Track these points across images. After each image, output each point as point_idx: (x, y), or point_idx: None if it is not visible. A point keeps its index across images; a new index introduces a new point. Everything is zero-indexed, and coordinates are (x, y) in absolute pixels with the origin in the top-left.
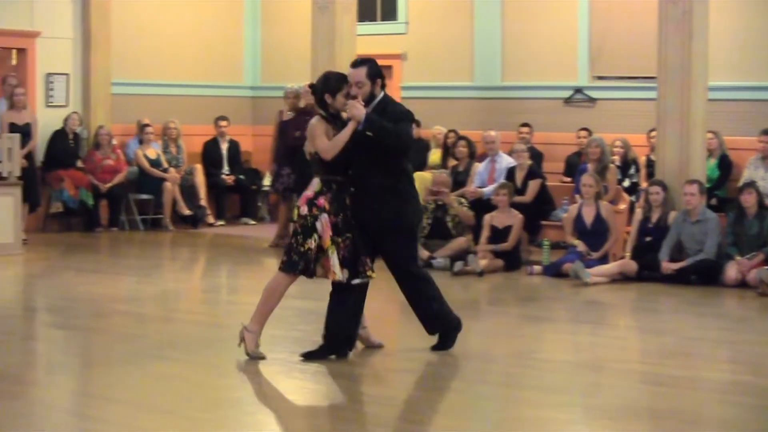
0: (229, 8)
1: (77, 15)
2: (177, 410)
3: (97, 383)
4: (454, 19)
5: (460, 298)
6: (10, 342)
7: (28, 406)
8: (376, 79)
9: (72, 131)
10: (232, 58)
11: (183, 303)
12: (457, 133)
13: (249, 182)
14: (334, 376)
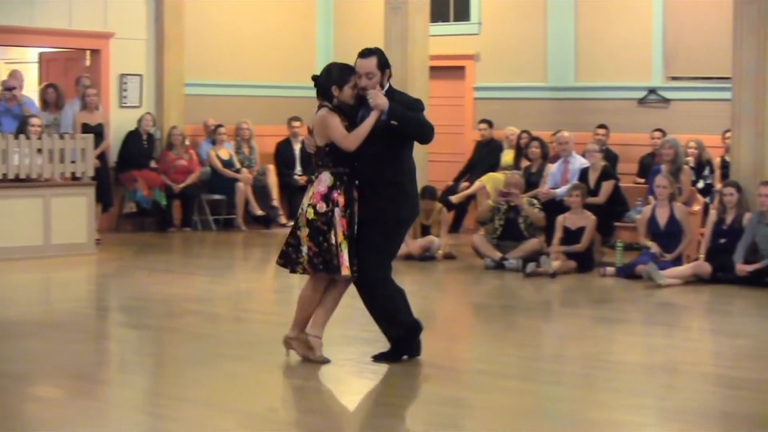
0: (302, 9)
1: (151, 16)
2: (248, 410)
3: (169, 382)
4: (527, 19)
5: (532, 299)
6: (84, 341)
7: (102, 404)
8: (386, 69)
9: (145, 132)
10: (305, 58)
11: (255, 303)
12: (530, 133)
13: None
14: (404, 377)
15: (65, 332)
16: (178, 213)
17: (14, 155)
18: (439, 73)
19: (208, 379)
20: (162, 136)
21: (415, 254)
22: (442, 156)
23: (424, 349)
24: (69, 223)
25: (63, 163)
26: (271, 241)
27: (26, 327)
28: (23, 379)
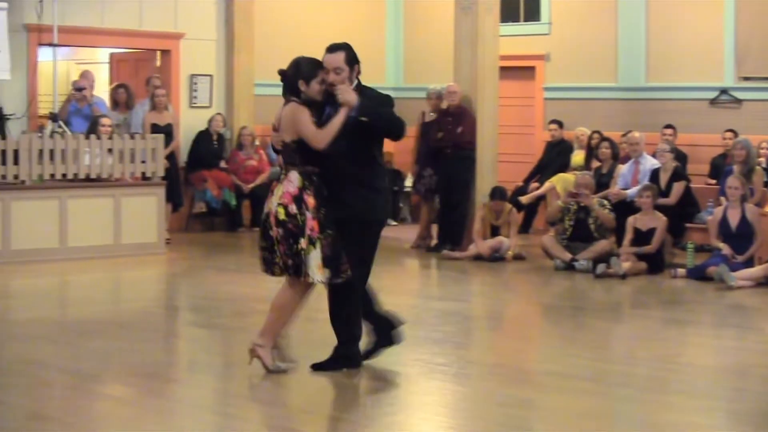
0: (372, 9)
1: (221, 16)
2: (317, 410)
3: (238, 382)
4: (597, 20)
5: (602, 300)
6: (154, 340)
7: (171, 403)
8: (354, 64)
9: (215, 132)
10: (375, 59)
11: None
12: (601, 134)
13: (391, 183)
14: (475, 378)
15: (135, 331)
16: (247, 213)
17: (85, 155)
18: (509, 74)
19: (276, 379)
20: (232, 136)
21: (484, 255)
22: (512, 156)
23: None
24: (139, 222)
25: (133, 163)
26: None
27: (97, 326)
28: (94, 378)
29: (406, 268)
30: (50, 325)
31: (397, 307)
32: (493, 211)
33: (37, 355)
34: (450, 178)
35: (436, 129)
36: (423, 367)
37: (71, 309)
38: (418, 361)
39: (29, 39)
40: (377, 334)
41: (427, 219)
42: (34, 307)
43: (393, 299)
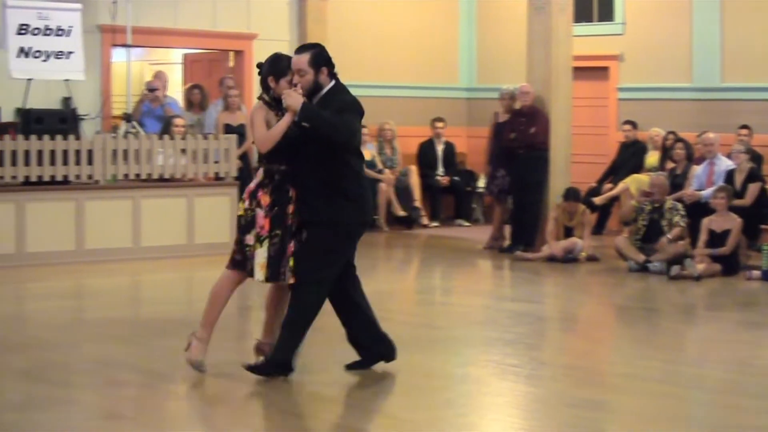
0: (445, 9)
1: (293, 17)
2: (389, 410)
3: (312, 383)
4: (672, 19)
5: (676, 302)
6: (227, 340)
7: (245, 404)
8: (321, 67)
9: None
10: (448, 59)
11: (397, 303)
12: (676, 135)
13: (464, 183)
14: (547, 379)
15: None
16: None
17: (158, 155)
18: (582, 74)
19: (348, 380)
20: None
21: (558, 256)
22: (586, 157)
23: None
24: (212, 222)
25: (206, 163)
26: (413, 242)
27: (170, 326)
28: (167, 378)
29: (479, 269)
30: (123, 325)
31: (470, 308)
32: (567, 212)
33: (111, 354)
34: (523, 178)
35: (509, 129)
36: (495, 368)
37: (144, 309)
38: (490, 362)
39: (103, 40)
40: (367, 352)
41: (500, 220)
42: (107, 307)
43: (465, 300)
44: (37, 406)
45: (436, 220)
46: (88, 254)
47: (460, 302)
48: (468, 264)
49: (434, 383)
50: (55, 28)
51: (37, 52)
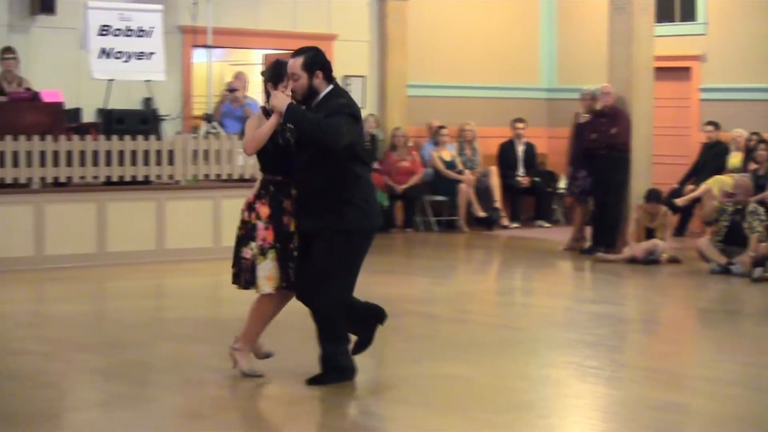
0: (525, 9)
1: (374, 18)
2: (468, 411)
3: (388, 382)
4: (755, 19)
5: (759, 304)
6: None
7: (321, 402)
8: (315, 70)
9: (368, 133)
10: (528, 59)
11: (476, 304)
12: (759, 135)
13: (544, 184)
14: (628, 381)
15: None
16: (400, 214)
17: (238, 156)
18: (664, 74)
19: (427, 380)
20: (385, 137)
21: (639, 258)
22: (667, 158)
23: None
24: None
25: None
26: (493, 243)
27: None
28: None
29: (559, 270)
30: (203, 325)
31: (550, 310)
32: (648, 213)
33: (190, 354)
34: (604, 179)
35: (590, 130)
36: (575, 369)
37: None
38: (570, 364)
39: (184, 41)
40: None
41: (581, 221)
42: (186, 307)
43: (546, 301)
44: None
45: (517, 221)
46: (168, 254)
47: (541, 303)
48: (548, 265)
49: (514, 385)
50: (137, 29)
51: (119, 53)
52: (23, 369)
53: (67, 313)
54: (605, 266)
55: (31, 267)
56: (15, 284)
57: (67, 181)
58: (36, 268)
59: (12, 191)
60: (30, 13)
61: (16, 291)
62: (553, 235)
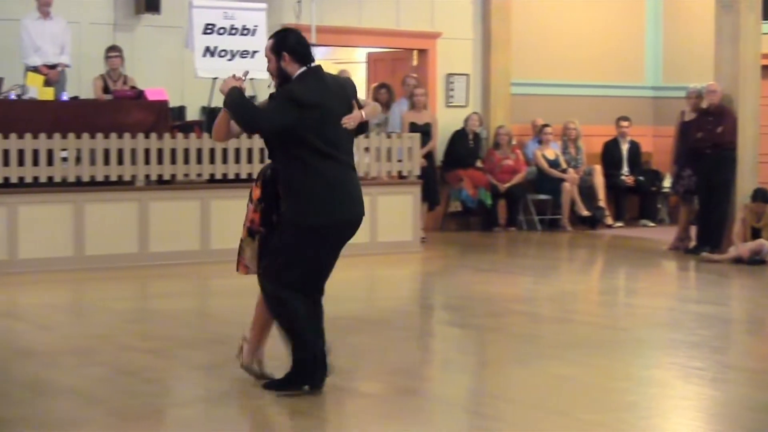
0: (631, 7)
1: (477, 16)
2: (571, 412)
3: (491, 382)
4: None
5: None
6: (408, 338)
7: (425, 401)
8: (282, 52)
9: (472, 131)
10: (633, 57)
11: (579, 304)
12: None
13: (649, 183)
14: (733, 383)
15: (390, 329)
16: (503, 212)
17: None
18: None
19: (530, 380)
20: (488, 135)
21: (744, 258)
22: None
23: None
24: (395, 221)
25: (390, 161)
26: (597, 242)
27: (352, 323)
28: (349, 375)
29: (664, 270)
30: None
31: (654, 310)
32: (754, 213)
33: None
34: (710, 178)
35: (696, 129)
36: (679, 370)
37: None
38: (674, 365)
39: None
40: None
41: (686, 220)
42: None
43: (650, 301)
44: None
45: (621, 220)
46: None
47: (645, 304)
48: (652, 265)
49: (617, 385)
50: (241, 27)
51: (223, 52)
52: (131, 365)
53: (171, 309)
54: (710, 266)
55: (136, 264)
56: (120, 281)
57: (171, 179)
58: (140, 265)
59: (117, 188)
60: (135, 12)
61: (121, 288)
62: (657, 235)
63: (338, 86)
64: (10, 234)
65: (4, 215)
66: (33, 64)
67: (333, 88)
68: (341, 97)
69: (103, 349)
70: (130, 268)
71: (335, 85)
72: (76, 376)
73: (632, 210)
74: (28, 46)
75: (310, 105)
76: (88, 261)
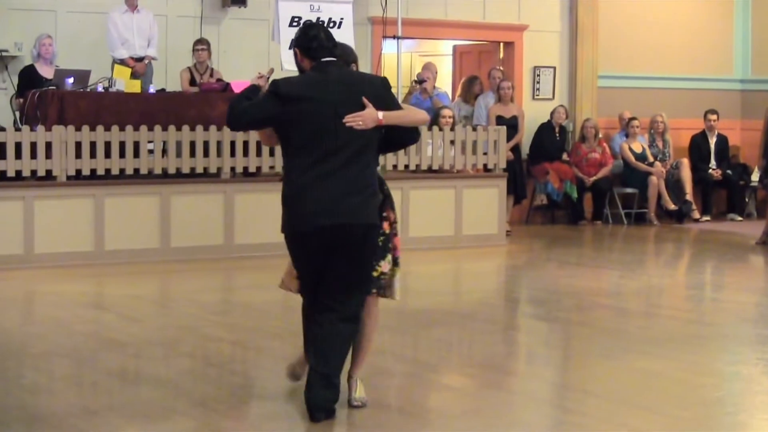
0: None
1: (564, 8)
2: (656, 407)
3: (576, 376)
4: None
5: None
6: (493, 332)
7: (510, 395)
8: (295, 49)
9: (558, 124)
10: (722, 49)
11: (666, 299)
12: None
13: (737, 177)
14: None
15: (475, 322)
16: (589, 206)
17: (428, 146)
18: None
19: (615, 374)
20: (575, 128)
21: None
22: None
23: None
24: (480, 214)
25: (475, 154)
26: (683, 236)
27: (437, 316)
28: (433, 368)
29: (751, 265)
30: (391, 315)
31: (741, 305)
32: None
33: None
34: None
35: None
36: (766, 366)
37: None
38: (761, 360)
39: (374, 31)
40: None
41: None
42: None
43: (737, 296)
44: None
45: (708, 214)
46: None
47: (731, 299)
48: (740, 260)
49: (703, 380)
50: (327, 20)
51: None
52: (216, 356)
53: (256, 301)
54: None
55: (221, 255)
56: (206, 273)
57: (256, 171)
58: (225, 257)
59: (202, 181)
60: (222, 5)
61: (207, 279)
62: (745, 229)
63: (348, 81)
64: (96, 226)
65: (90, 207)
66: (120, 57)
67: (336, 82)
68: (347, 93)
69: (188, 341)
70: (216, 260)
71: (344, 79)
72: (163, 367)
73: (720, 204)
74: (115, 39)
75: (292, 98)
76: (174, 253)
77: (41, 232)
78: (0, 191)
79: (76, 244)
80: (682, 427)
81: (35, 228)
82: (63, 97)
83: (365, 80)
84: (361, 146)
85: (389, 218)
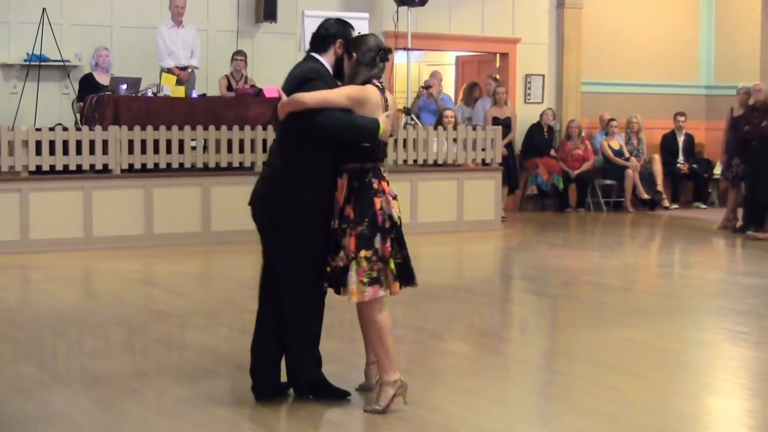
0: (687, 13)
1: (552, 23)
2: (632, 369)
3: (564, 343)
4: None
5: None
6: (491, 304)
7: (505, 359)
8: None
9: (546, 124)
10: (689, 60)
11: (641, 275)
12: None
13: (702, 170)
14: None
15: (475, 296)
16: (573, 195)
17: (433, 143)
18: None
19: (598, 341)
20: (561, 128)
21: None
22: None
23: None
24: (479, 202)
25: (475, 150)
26: (655, 222)
27: (442, 291)
28: (439, 336)
29: (714, 247)
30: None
31: (706, 281)
32: None
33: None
34: (756, 166)
35: (744, 123)
36: (727, 334)
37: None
38: (723, 329)
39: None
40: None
41: (734, 203)
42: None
43: (702, 273)
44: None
45: (677, 202)
46: None
47: (698, 276)
48: (704, 242)
49: (674, 346)
50: None
51: None
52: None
53: None
54: (755, 243)
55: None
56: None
57: None
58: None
59: (239, 173)
60: (255, 20)
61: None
62: (708, 216)
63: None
64: (146, 212)
65: (141, 196)
66: (167, 66)
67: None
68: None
69: (227, 312)
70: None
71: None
72: (204, 335)
73: (687, 194)
74: (162, 50)
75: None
76: (214, 236)
77: (99, 218)
78: (63, 183)
79: (129, 229)
80: (655, 387)
81: (93, 214)
82: (117, 101)
83: (289, 74)
84: (279, 141)
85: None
